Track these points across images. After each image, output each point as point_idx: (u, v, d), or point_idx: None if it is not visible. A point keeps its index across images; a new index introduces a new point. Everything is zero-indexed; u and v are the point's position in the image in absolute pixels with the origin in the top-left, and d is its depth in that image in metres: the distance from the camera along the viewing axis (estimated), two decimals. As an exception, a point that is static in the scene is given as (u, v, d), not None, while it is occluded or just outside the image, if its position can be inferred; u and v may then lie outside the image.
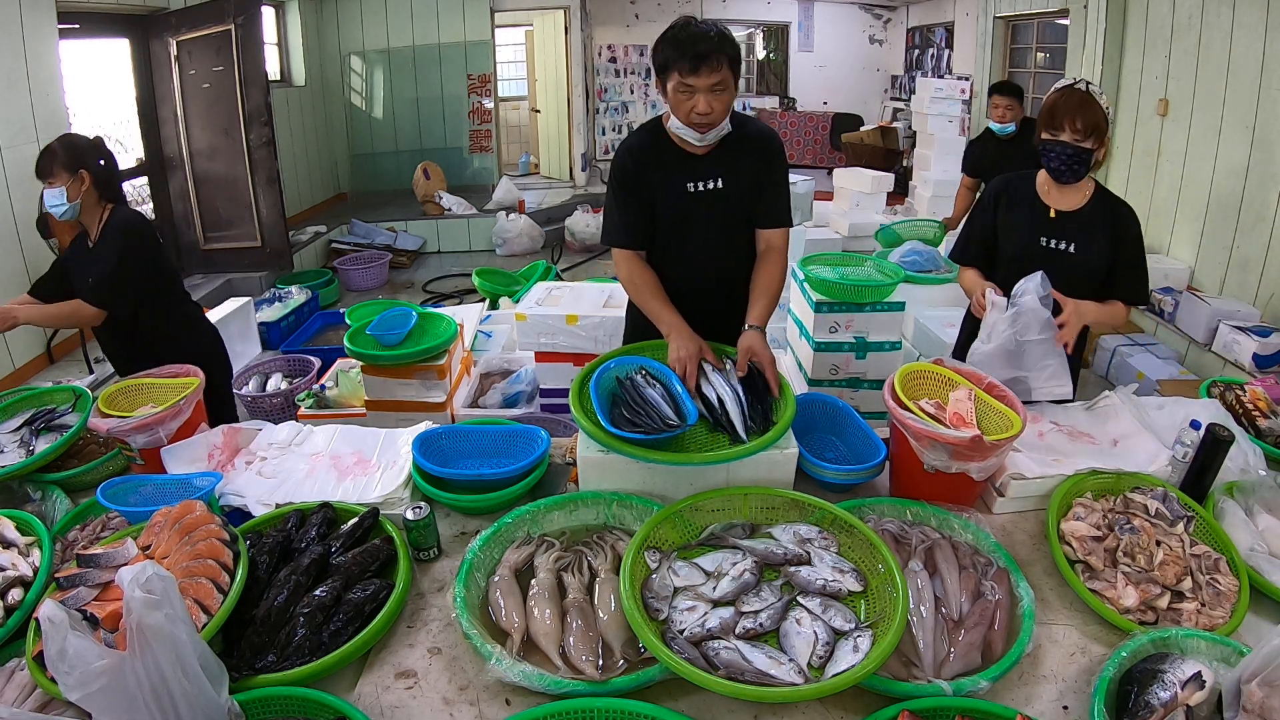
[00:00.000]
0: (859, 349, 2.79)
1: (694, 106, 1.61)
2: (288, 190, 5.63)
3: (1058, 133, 1.72)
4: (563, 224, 7.08)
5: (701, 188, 1.76)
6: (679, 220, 1.78)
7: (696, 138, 1.67)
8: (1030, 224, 1.85)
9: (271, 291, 5.10)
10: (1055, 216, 1.83)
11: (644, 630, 1.10)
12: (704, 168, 1.75)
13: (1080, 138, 1.70)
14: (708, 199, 1.76)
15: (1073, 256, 1.80)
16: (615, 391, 1.61)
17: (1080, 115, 1.69)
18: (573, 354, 2.93)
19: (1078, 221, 1.81)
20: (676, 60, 1.58)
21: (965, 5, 7.84)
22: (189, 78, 5.06)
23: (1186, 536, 1.35)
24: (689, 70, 1.58)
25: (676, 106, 1.64)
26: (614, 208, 1.80)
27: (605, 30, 9.36)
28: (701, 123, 1.64)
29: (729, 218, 1.79)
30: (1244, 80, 3.77)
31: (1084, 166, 1.74)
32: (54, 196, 2.03)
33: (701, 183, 1.76)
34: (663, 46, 1.62)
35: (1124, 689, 1.07)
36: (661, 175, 1.76)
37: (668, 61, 1.60)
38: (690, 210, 1.77)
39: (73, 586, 1.19)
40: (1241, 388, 1.89)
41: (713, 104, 1.61)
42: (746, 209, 1.80)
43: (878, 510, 1.45)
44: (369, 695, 1.13)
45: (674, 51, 1.59)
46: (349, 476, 1.62)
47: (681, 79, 1.59)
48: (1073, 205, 1.83)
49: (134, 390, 1.80)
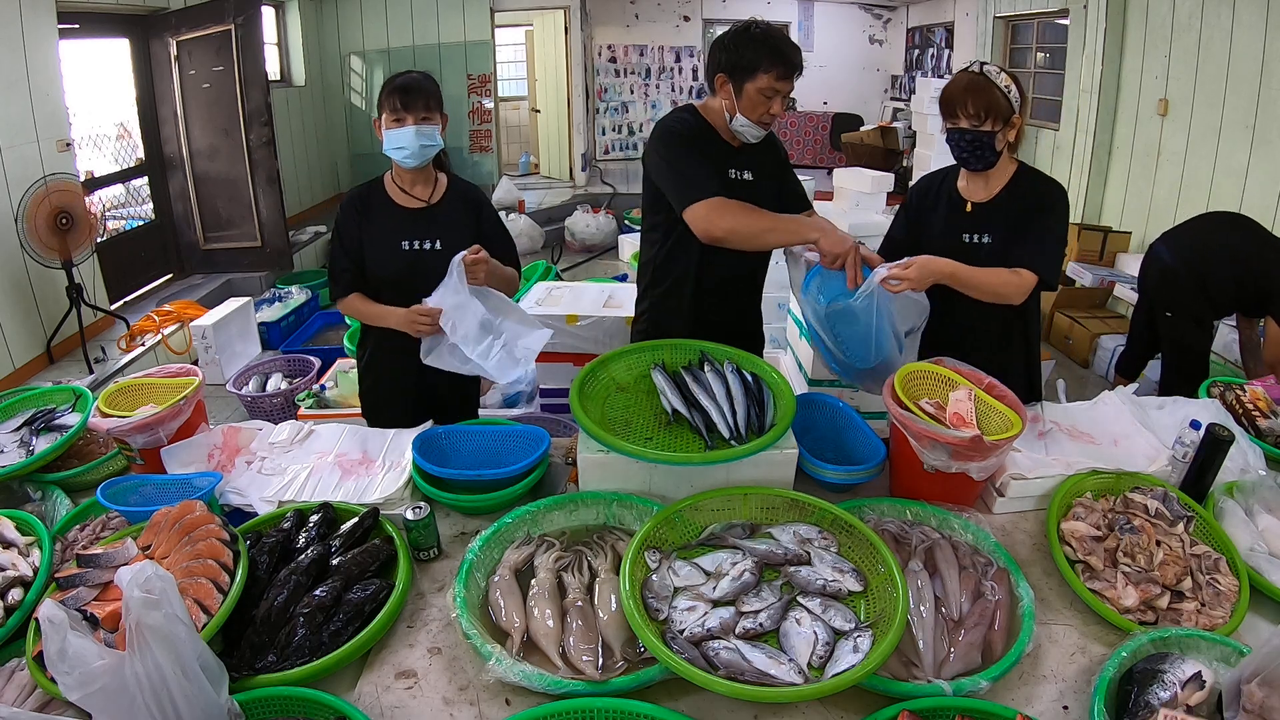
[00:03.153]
0: (859, 349, 2.79)
1: (770, 108, 1.70)
2: (288, 190, 5.63)
3: (955, 120, 1.68)
4: (563, 224, 7.09)
5: (736, 176, 1.83)
6: None
7: (758, 135, 1.77)
8: (947, 221, 1.79)
9: (271, 291, 5.10)
10: (971, 209, 1.76)
11: (644, 630, 1.10)
12: (741, 159, 1.83)
13: (977, 122, 1.65)
14: (741, 188, 1.79)
15: (990, 247, 1.73)
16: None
17: (971, 99, 1.64)
18: (573, 354, 2.93)
19: (994, 211, 1.74)
20: (770, 65, 1.66)
21: (965, 5, 7.84)
22: (189, 78, 5.06)
23: (1186, 536, 1.35)
24: (782, 76, 1.67)
25: (752, 106, 1.70)
26: (687, 162, 1.72)
27: (605, 30, 9.36)
28: (770, 122, 1.75)
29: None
30: (1244, 80, 3.77)
31: (989, 151, 1.67)
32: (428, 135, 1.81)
33: (737, 171, 1.83)
34: (749, 46, 1.67)
35: (1124, 689, 1.07)
36: (710, 155, 1.79)
37: (756, 63, 1.66)
38: (731, 196, 1.72)
39: (73, 586, 1.19)
40: (1241, 388, 1.89)
41: (782, 106, 1.73)
42: (769, 202, 1.79)
43: (878, 510, 1.45)
44: (369, 695, 1.13)
45: (768, 56, 1.66)
46: (351, 476, 1.62)
47: (773, 83, 1.67)
48: (989, 194, 1.75)
49: (134, 390, 1.80)
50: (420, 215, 1.87)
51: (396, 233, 1.85)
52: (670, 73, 9.77)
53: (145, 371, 1.87)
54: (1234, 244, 2.91)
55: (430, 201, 1.89)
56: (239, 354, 4.23)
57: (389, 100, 1.77)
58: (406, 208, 1.87)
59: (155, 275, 5.22)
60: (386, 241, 1.85)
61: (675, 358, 1.71)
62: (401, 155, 1.80)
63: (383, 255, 1.85)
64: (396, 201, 1.87)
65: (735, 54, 1.69)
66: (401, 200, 1.88)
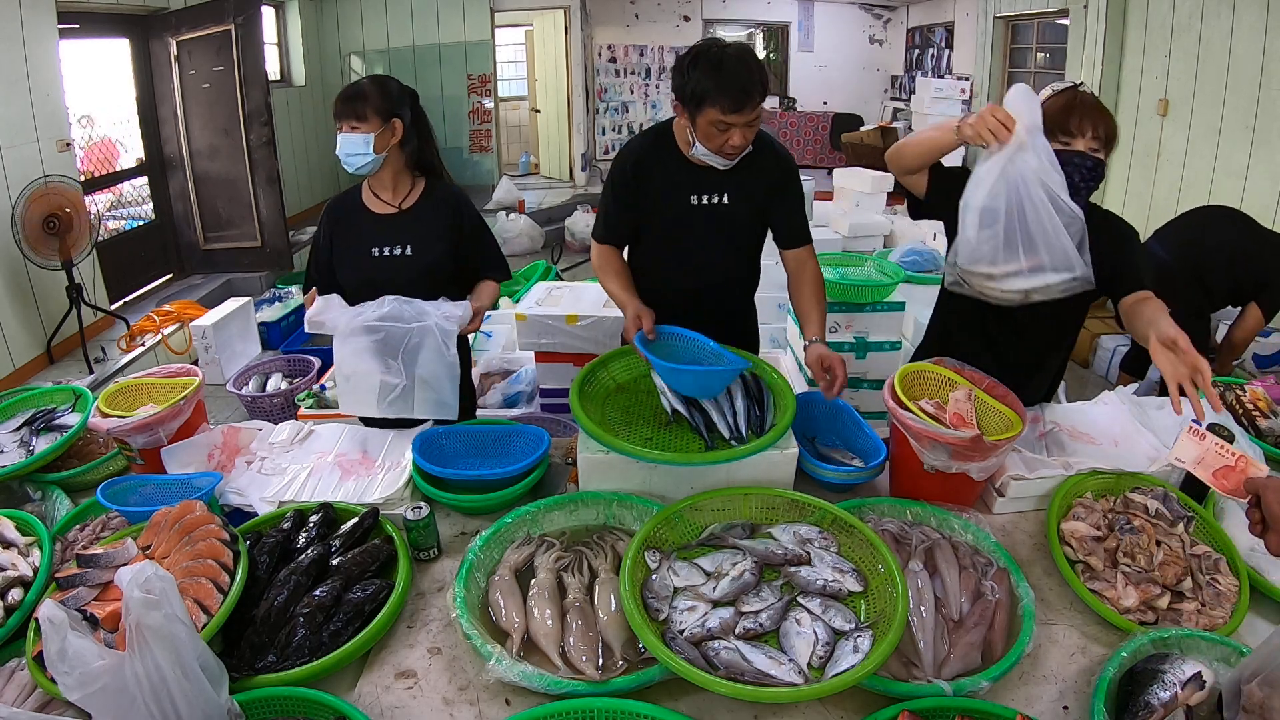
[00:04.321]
0: (859, 349, 2.79)
1: (728, 140, 1.56)
2: (288, 190, 5.63)
3: (1071, 139, 1.51)
4: (563, 224, 7.09)
5: (706, 201, 1.73)
6: (678, 229, 1.77)
7: (725, 165, 1.64)
8: None
9: (271, 291, 5.10)
10: None
11: (644, 630, 1.10)
12: (711, 181, 1.71)
13: (1097, 145, 1.52)
14: (711, 213, 1.74)
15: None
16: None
17: (1099, 121, 1.51)
18: (573, 354, 2.93)
19: None
20: (715, 97, 1.50)
21: (965, 5, 7.84)
22: (189, 78, 5.06)
23: (1186, 536, 1.35)
24: (730, 108, 1.51)
25: (707, 138, 1.58)
26: (607, 204, 1.82)
27: (605, 30, 9.36)
28: (735, 154, 1.61)
29: (730, 233, 1.78)
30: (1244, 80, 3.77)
31: (1099, 181, 1.55)
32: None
33: (706, 196, 1.72)
34: (696, 76, 1.52)
35: (1124, 689, 1.07)
36: (664, 182, 1.73)
37: (702, 94, 1.52)
38: (690, 221, 1.75)
39: (73, 586, 1.19)
40: (1241, 388, 1.89)
41: (747, 135, 1.57)
42: (750, 227, 1.79)
43: (878, 510, 1.45)
44: (369, 695, 1.13)
45: (712, 86, 1.50)
46: (351, 476, 1.62)
47: (721, 116, 1.52)
48: None
49: (134, 390, 1.80)
50: (391, 221, 1.86)
51: (367, 239, 1.84)
52: (670, 73, 9.77)
53: (145, 371, 1.87)
54: (1227, 238, 2.93)
55: (401, 207, 1.86)
56: (239, 354, 4.23)
57: (335, 107, 1.78)
58: (378, 214, 1.86)
59: (155, 275, 5.22)
60: (357, 248, 1.85)
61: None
62: (348, 163, 1.78)
63: (354, 262, 1.85)
64: (370, 208, 1.86)
65: (684, 81, 1.55)
66: (375, 206, 1.86)
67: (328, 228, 1.88)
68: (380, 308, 1.68)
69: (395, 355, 1.68)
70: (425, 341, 1.68)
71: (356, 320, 1.67)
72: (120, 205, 5.18)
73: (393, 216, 1.86)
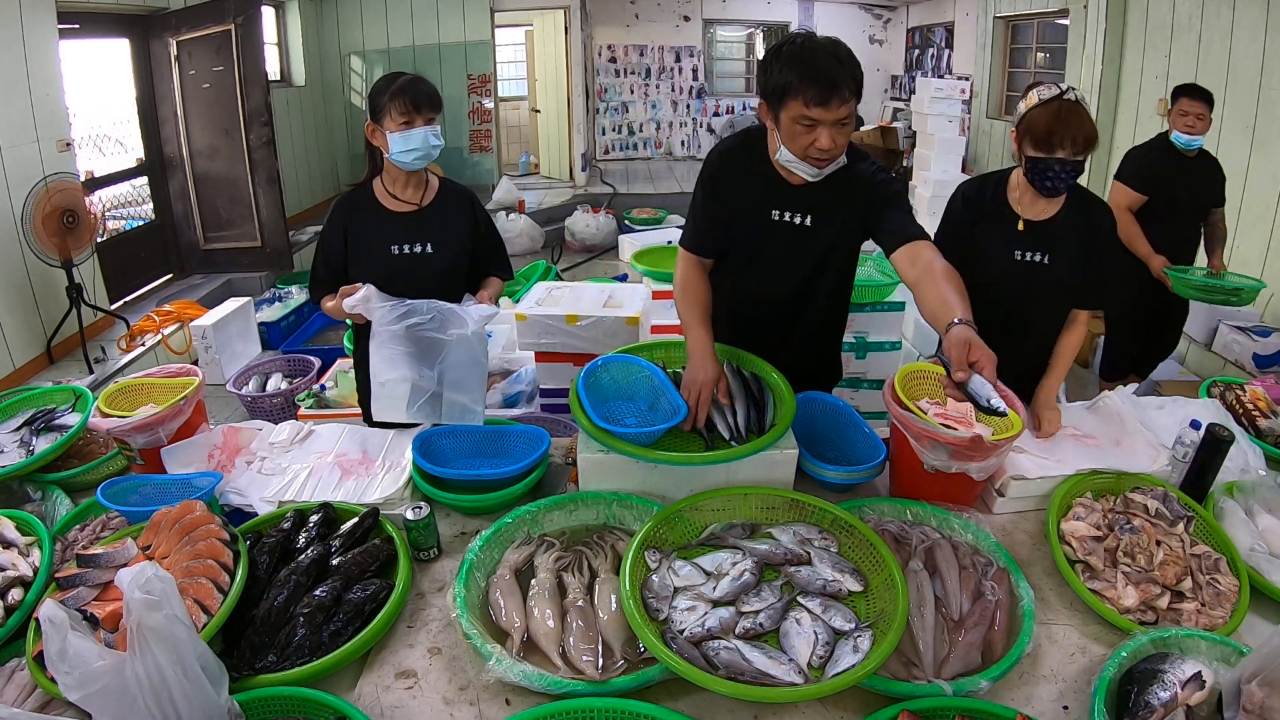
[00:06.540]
0: (859, 349, 2.79)
1: (814, 141, 1.41)
2: (288, 190, 5.63)
3: (1052, 151, 1.58)
4: (563, 224, 7.09)
5: (787, 219, 1.59)
6: (754, 245, 1.65)
7: (813, 174, 1.48)
8: (999, 236, 1.74)
9: (271, 291, 5.10)
10: (1024, 228, 1.72)
11: (644, 630, 1.10)
12: (795, 199, 1.57)
13: (1077, 151, 1.57)
14: (791, 233, 1.60)
15: (1046, 267, 1.71)
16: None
17: (1077, 130, 1.56)
18: (573, 354, 2.93)
19: (1050, 229, 1.71)
20: (800, 87, 1.36)
21: (965, 5, 7.84)
22: (189, 78, 5.06)
23: (1186, 536, 1.35)
24: (815, 101, 1.36)
25: (792, 139, 1.43)
26: (695, 207, 1.68)
27: (605, 30, 9.37)
28: (822, 158, 1.44)
29: (809, 255, 1.64)
30: (1244, 80, 3.78)
31: (1076, 178, 1.64)
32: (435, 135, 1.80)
33: (788, 214, 1.58)
34: (780, 66, 1.39)
35: (1124, 689, 1.07)
36: (745, 192, 1.60)
37: (787, 86, 1.38)
38: (768, 239, 1.62)
39: (73, 586, 1.19)
40: (1241, 388, 1.89)
41: (836, 139, 1.41)
42: (834, 251, 1.64)
43: (878, 510, 1.45)
44: (369, 695, 1.13)
45: (796, 76, 1.37)
46: (351, 476, 1.62)
47: (805, 110, 1.38)
48: (1046, 213, 1.71)
49: (134, 390, 1.80)
50: (411, 219, 1.85)
51: (387, 237, 1.83)
52: (670, 73, 9.78)
53: (145, 371, 1.87)
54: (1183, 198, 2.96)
55: (422, 204, 1.87)
56: (239, 354, 4.23)
57: (396, 102, 1.71)
58: (397, 212, 1.85)
59: (155, 275, 5.22)
60: (376, 247, 1.83)
61: (675, 357, 1.71)
62: (411, 158, 1.76)
63: (372, 261, 1.83)
64: (386, 206, 1.85)
65: (767, 74, 1.42)
66: (391, 205, 1.85)
67: (341, 225, 1.85)
68: (422, 314, 1.70)
69: (431, 365, 1.70)
70: (461, 351, 1.71)
71: (399, 324, 1.69)
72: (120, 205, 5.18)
73: (412, 214, 1.85)
